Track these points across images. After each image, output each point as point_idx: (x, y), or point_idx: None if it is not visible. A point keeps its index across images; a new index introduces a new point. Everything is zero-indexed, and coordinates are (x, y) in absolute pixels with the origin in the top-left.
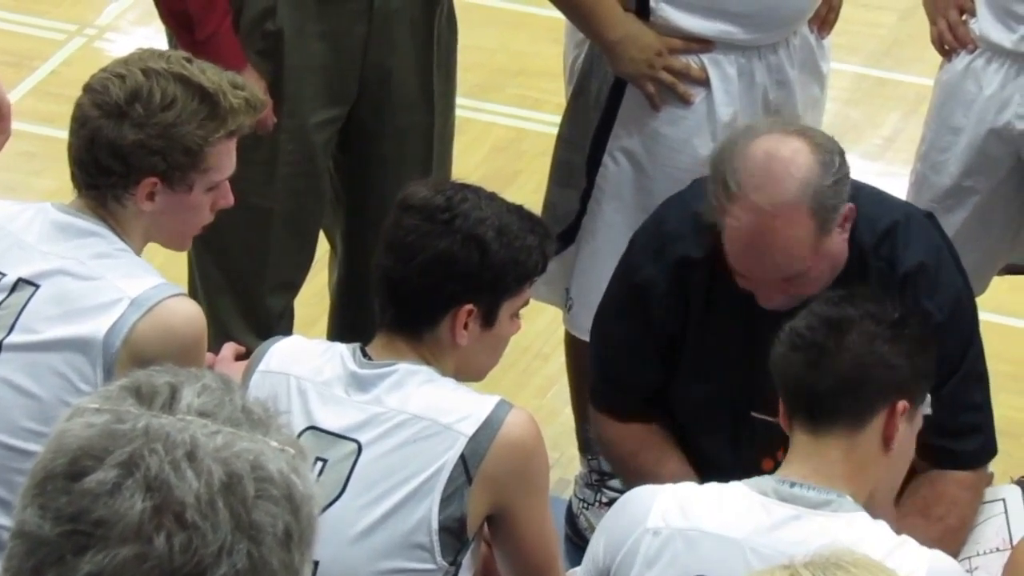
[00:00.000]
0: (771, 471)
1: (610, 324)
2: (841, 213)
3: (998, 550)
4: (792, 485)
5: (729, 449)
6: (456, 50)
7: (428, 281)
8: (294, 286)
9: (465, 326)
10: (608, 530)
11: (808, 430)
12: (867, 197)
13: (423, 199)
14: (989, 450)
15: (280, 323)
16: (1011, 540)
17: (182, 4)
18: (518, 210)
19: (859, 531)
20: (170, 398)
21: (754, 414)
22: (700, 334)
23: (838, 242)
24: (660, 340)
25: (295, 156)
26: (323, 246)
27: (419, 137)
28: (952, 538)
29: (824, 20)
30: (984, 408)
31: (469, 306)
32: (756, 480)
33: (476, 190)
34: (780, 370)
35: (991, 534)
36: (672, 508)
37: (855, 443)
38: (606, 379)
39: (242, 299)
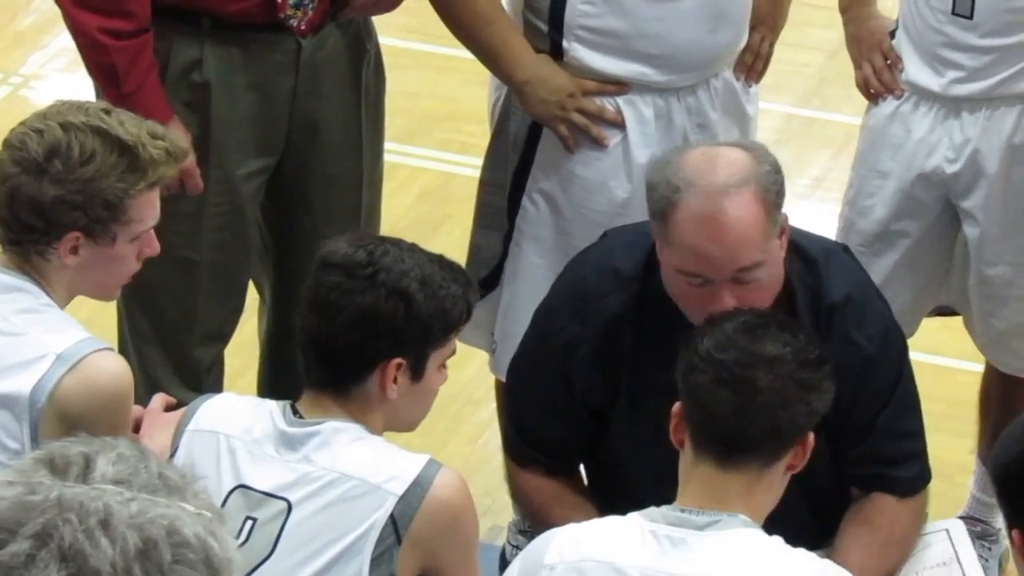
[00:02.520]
0: None
1: (529, 383)
2: (782, 215)
3: (944, 564)
4: (683, 511)
5: (673, 495)
6: (384, 99)
7: (354, 338)
8: (223, 337)
9: (394, 380)
10: (518, 573)
11: (717, 462)
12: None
13: (343, 255)
14: (925, 477)
15: (210, 374)
16: (958, 559)
17: (108, 57)
18: (440, 260)
19: (743, 544)
20: (84, 468)
21: None
22: (633, 389)
23: (779, 254)
24: (582, 401)
25: (222, 208)
26: (252, 294)
27: (347, 186)
28: (895, 549)
29: (751, 68)
30: (919, 435)
31: (397, 360)
32: (650, 510)
33: (397, 242)
34: (702, 400)
35: (935, 555)
36: (567, 543)
37: (762, 475)
38: (520, 433)
39: (171, 351)
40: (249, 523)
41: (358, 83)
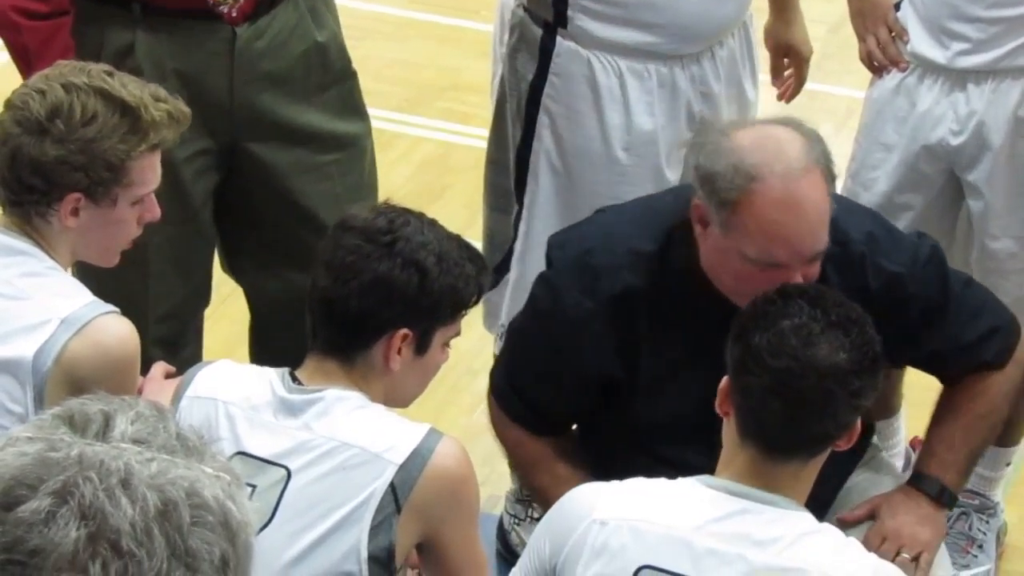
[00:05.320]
0: None
1: (532, 351)
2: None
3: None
4: (739, 484)
5: (705, 458)
6: (353, 85)
7: (365, 303)
8: (178, 317)
9: (399, 351)
10: (553, 525)
11: (764, 451)
12: None
13: (364, 220)
14: (1012, 333)
15: (181, 351)
16: None
17: (20, 37)
18: (457, 239)
19: (806, 526)
20: (104, 426)
21: None
22: (653, 361)
23: None
24: (594, 374)
25: (166, 189)
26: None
27: (309, 173)
28: (985, 420)
29: (791, 93)
30: (987, 304)
31: (404, 331)
32: (705, 477)
33: (419, 215)
34: (751, 404)
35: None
36: (619, 500)
37: (808, 463)
38: (516, 391)
39: None
40: (248, 490)
41: (305, 73)
